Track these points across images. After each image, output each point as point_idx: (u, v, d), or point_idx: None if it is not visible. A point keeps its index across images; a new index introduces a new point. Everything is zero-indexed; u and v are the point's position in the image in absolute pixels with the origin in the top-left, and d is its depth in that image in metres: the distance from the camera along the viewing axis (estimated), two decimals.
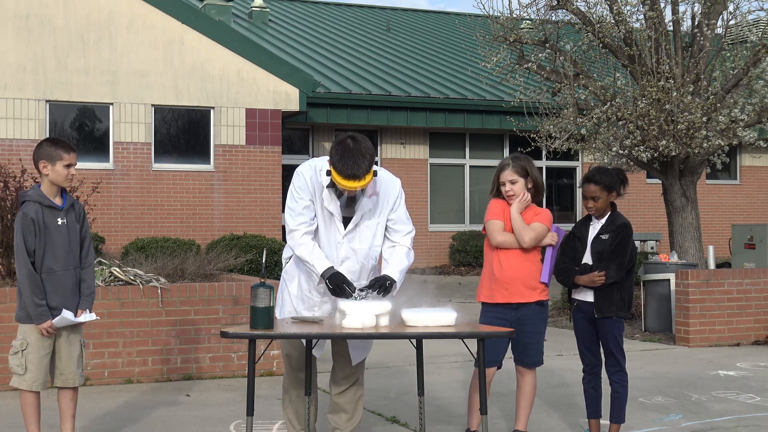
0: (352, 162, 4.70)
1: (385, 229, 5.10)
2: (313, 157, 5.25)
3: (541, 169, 20.14)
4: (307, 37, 22.55)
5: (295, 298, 5.15)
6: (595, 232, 5.66)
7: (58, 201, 5.11)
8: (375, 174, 4.86)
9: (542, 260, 5.62)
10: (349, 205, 4.99)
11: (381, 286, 4.84)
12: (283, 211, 5.27)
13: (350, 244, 5.02)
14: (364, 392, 5.48)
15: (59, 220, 5.08)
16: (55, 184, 5.09)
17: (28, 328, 5.06)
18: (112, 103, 16.17)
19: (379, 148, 19.16)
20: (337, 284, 4.81)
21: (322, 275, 4.86)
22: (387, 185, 5.07)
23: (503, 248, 5.51)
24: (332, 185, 4.89)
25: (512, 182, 5.55)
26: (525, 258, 5.50)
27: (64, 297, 5.08)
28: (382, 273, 4.98)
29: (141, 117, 16.30)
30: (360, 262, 5.05)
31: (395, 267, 4.99)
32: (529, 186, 5.56)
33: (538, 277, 5.53)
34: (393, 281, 4.91)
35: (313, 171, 5.00)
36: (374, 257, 5.11)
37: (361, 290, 4.82)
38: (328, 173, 4.79)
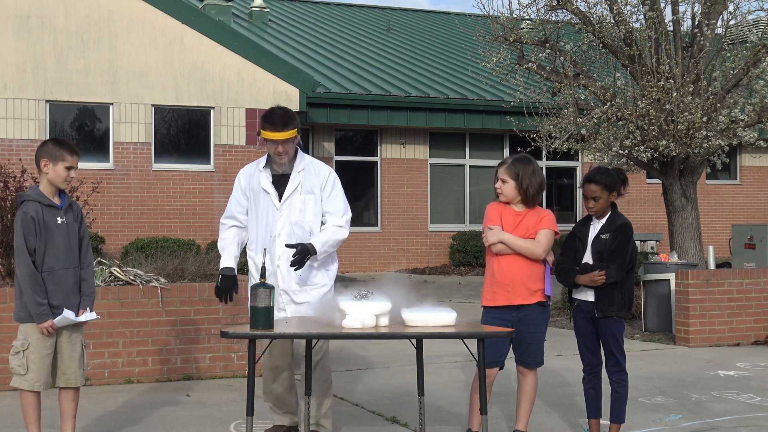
0: (277, 117, 5.42)
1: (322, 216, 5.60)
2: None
3: (541, 169, 20.11)
4: (307, 37, 22.55)
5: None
6: (596, 231, 5.66)
7: (56, 201, 5.12)
8: (299, 132, 5.47)
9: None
10: (282, 182, 5.55)
11: (298, 252, 5.24)
12: None
13: (287, 217, 5.51)
14: (332, 383, 5.74)
15: (59, 219, 5.08)
16: (53, 184, 5.09)
17: (29, 327, 5.05)
18: (112, 103, 16.17)
19: (379, 148, 19.17)
20: (222, 285, 5.52)
21: (220, 270, 5.59)
22: (316, 165, 5.64)
23: (503, 254, 5.50)
24: (267, 164, 5.58)
25: (503, 181, 5.55)
26: (525, 260, 5.49)
27: (65, 296, 5.08)
28: (311, 240, 5.45)
29: (141, 117, 16.31)
30: (295, 234, 5.47)
31: (318, 239, 5.44)
32: (518, 190, 5.52)
33: (538, 278, 5.52)
34: (309, 248, 5.32)
35: (251, 167, 5.70)
36: (309, 232, 5.52)
37: (362, 290, 4.83)
38: (259, 133, 5.48)
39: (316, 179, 5.56)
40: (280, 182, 5.56)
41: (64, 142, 5.16)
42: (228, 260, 5.60)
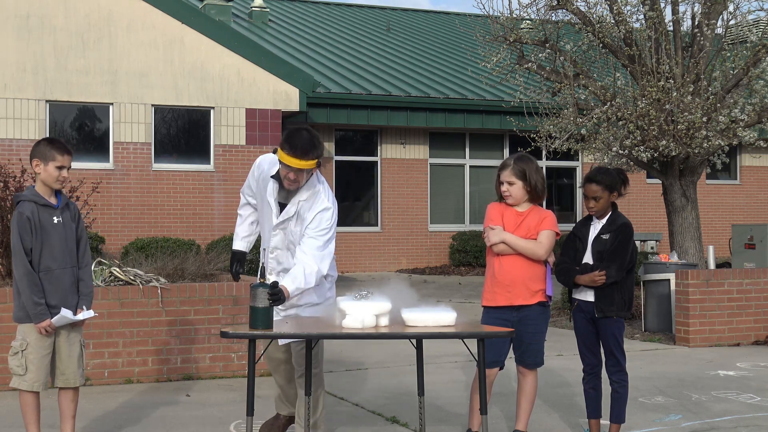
0: (299, 142, 4.98)
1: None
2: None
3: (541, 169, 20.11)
4: (307, 37, 22.55)
5: None
6: (596, 232, 5.66)
7: (53, 200, 5.11)
8: (318, 165, 5.09)
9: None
10: (287, 198, 5.25)
11: (275, 294, 4.73)
12: None
13: (281, 240, 5.28)
14: (324, 389, 5.57)
15: (55, 218, 5.07)
16: (46, 184, 5.08)
17: (27, 327, 5.05)
18: (112, 103, 16.17)
19: (379, 148, 19.16)
20: (231, 261, 5.60)
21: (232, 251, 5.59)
22: (318, 199, 5.20)
23: (504, 254, 5.50)
24: (276, 176, 5.21)
25: (510, 183, 5.53)
26: (526, 260, 5.48)
27: (63, 295, 5.07)
28: (283, 281, 4.93)
29: (141, 117, 16.31)
30: (291, 257, 5.23)
31: (293, 282, 4.92)
32: (527, 189, 5.53)
33: (539, 279, 5.51)
34: (282, 297, 4.80)
35: (268, 164, 5.35)
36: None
37: (362, 290, 4.82)
38: (275, 151, 5.13)
39: (309, 214, 5.17)
40: (285, 195, 5.29)
41: (55, 142, 5.13)
42: (236, 243, 5.64)
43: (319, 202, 5.19)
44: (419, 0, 72.31)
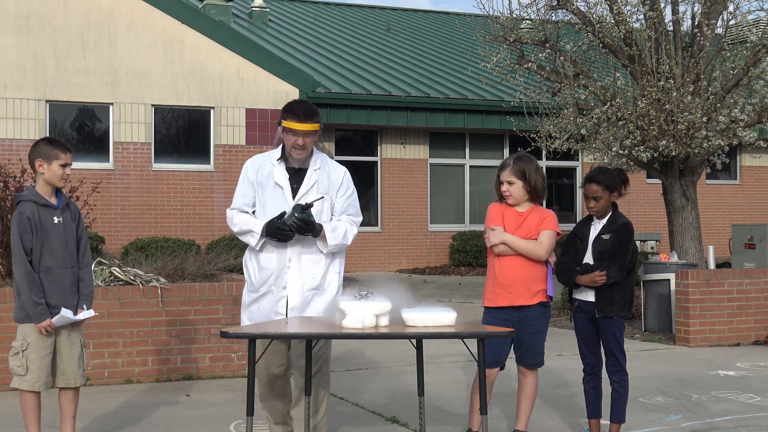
0: (300, 108, 5.16)
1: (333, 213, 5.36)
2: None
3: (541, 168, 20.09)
4: (307, 37, 22.55)
5: (243, 306, 5.36)
6: (597, 232, 5.66)
7: (53, 200, 5.11)
8: (321, 126, 5.20)
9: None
10: (296, 178, 5.26)
11: (307, 223, 5.03)
12: None
13: None
14: (329, 392, 5.45)
15: (55, 218, 5.08)
16: (50, 183, 5.08)
17: (28, 328, 5.05)
18: (112, 103, 16.18)
19: (379, 148, 19.16)
20: (273, 231, 5.10)
21: (261, 234, 5.17)
22: (332, 164, 5.37)
23: (504, 255, 5.50)
24: (282, 157, 5.24)
25: (510, 183, 5.53)
26: (527, 261, 5.48)
27: (63, 295, 5.07)
28: (324, 225, 5.21)
29: (141, 117, 16.31)
30: (308, 237, 5.20)
31: (330, 225, 5.23)
32: (527, 189, 5.54)
33: (540, 279, 5.51)
34: (317, 228, 5.11)
35: (261, 159, 5.38)
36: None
37: (362, 290, 4.82)
38: (279, 122, 5.20)
39: (332, 179, 5.28)
40: (294, 178, 5.24)
41: (55, 141, 5.15)
42: (257, 223, 5.18)
43: (335, 165, 5.38)
44: (419, 0, 72.35)
